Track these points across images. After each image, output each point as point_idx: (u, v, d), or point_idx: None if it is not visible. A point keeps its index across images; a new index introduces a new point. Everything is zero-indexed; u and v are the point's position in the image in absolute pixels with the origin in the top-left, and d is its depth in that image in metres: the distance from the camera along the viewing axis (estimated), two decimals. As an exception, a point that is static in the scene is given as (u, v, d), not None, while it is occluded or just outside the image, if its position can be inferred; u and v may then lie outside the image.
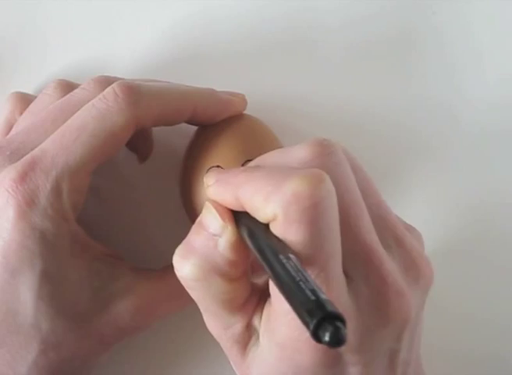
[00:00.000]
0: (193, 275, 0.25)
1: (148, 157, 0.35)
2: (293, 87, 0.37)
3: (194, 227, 0.26)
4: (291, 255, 0.22)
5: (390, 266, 0.25)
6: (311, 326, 0.19)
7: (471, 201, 0.37)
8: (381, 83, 0.37)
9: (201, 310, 0.27)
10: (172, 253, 0.33)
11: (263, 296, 0.27)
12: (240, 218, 0.25)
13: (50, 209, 0.28)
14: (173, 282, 0.31)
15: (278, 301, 0.24)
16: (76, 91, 0.31)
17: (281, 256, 0.22)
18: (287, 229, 0.23)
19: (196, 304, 0.32)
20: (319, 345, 0.23)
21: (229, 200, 0.25)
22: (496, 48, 0.38)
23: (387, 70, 0.37)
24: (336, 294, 0.24)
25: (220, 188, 0.26)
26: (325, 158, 0.25)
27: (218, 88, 0.33)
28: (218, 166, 0.30)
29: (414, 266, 0.27)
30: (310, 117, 0.37)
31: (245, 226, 0.25)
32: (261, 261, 0.23)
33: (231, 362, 0.29)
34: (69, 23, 0.37)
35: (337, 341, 0.18)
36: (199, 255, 0.25)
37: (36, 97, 0.33)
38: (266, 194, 0.23)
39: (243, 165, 0.30)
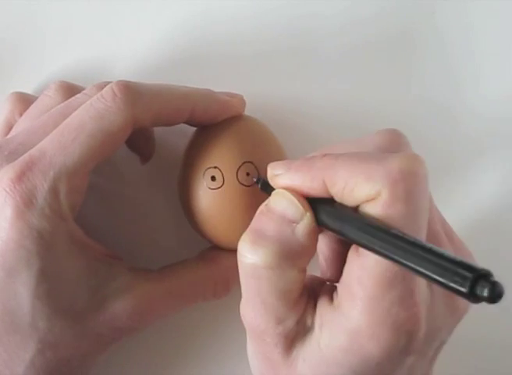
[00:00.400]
0: (267, 262, 0.25)
1: (150, 158, 0.35)
2: (294, 88, 0.37)
3: (264, 214, 0.26)
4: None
5: None
6: (468, 286, 0.19)
7: (469, 200, 0.37)
8: (380, 84, 0.37)
9: (251, 304, 0.26)
10: (171, 253, 0.34)
11: (311, 292, 0.27)
12: (314, 205, 0.25)
13: (47, 209, 0.28)
14: (172, 282, 0.32)
15: (360, 286, 0.24)
16: (77, 95, 0.31)
17: (394, 231, 0.22)
18: (391, 206, 0.23)
19: (194, 304, 0.32)
20: (400, 330, 0.24)
21: (311, 185, 0.25)
22: (495, 48, 0.38)
23: (387, 71, 0.37)
24: (420, 279, 0.24)
25: (298, 174, 0.26)
26: (403, 146, 0.26)
27: (218, 89, 0.33)
28: (215, 167, 0.30)
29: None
30: (310, 118, 0.37)
31: (326, 211, 0.25)
32: (362, 241, 0.23)
33: (260, 365, 0.28)
34: (69, 23, 0.37)
35: (497, 294, 0.19)
36: (274, 242, 0.25)
37: (36, 97, 0.33)
38: (368, 172, 0.23)
39: (240, 166, 0.30)
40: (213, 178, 0.30)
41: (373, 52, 0.37)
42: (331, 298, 0.26)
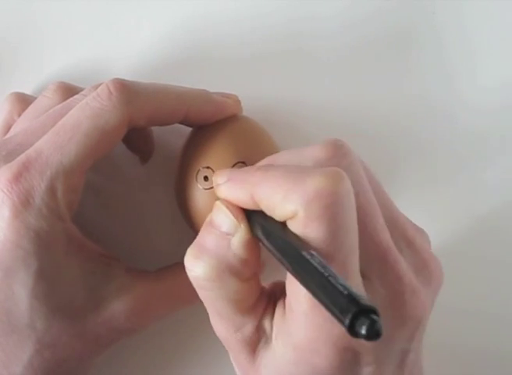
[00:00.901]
0: (207, 275, 0.25)
1: (150, 158, 0.35)
2: (292, 89, 0.37)
3: (205, 227, 0.27)
4: (313, 252, 0.22)
5: (405, 265, 0.26)
6: (347, 321, 0.19)
7: (467, 202, 0.37)
8: (380, 84, 0.37)
9: (210, 313, 0.27)
10: (168, 254, 0.34)
11: (272, 298, 0.27)
12: (252, 217, 0.25)
13: (45, 209, 0.28)
14: (169, 283, 0.32)
15: (295, 301, 0.24)
16: (76, 96, 0.31)
17: (304, 253, 0.22)
18: (308, 226, 0.23)
19: (192, 305, 0.32)
20: (338, 346, 0.24)
21: (243, 199, 0.25)
22: (494, 49, 0.37)
23: (386, 71, 0.37)
24: None
25: (233, 187, 0.26)
26: (341, 158, 0.26)
27: (216, 90, 0.33)
28: (208, 167, 0.30)
29: (426, 267, 0.27)
30: (308, 119, 0.36)
31: (259, 224, 0.25)
32: (280, 258, 0.23)
33: (236, 369, 0.29)
34: (69, 23, 0.37)
35: (375, 333, 0.19)
36: (212, 255, 0.25)
37: (35, 97, 0.34)
38: (286, 191, 0.23)
39: (233, 166, 0.30)
40: (206, 178, 0.30)
41: (372, 53, 0.37)
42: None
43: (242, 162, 0.30)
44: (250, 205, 0.25)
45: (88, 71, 0.36)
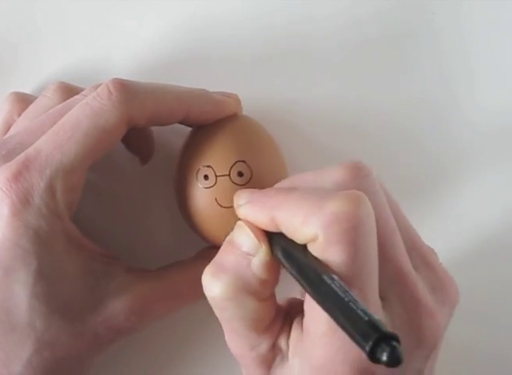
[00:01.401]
0: (225, 294, 0.25)
1: (150, 158, 0.35)
2: (292, 89, 0.37)
3: (225, 246, 0.27)
4: (334, 276, 0.22)
5: (422, 287, 0.26)
6: (368, 348, 0.19)
7: (467, 202, 0.37)
8: (378, 85, 0.37)
9: (226, 331, 0.27)
10: (168, 253, 0.34)
11: (288, 316, 0.27)
12: (273, 238, 0.25)
13: (44, 208, 0.28)
14: (169, 282, 0.32)
15: (313, 322, 0.24)
16: (76, 96, 0.31)
17: (325, 277, 0.22)
18: (327, 250, 0.23)
19: (192, 304, 0.32)
20: (355, 367, 0.24)
21: (264, 221, 0.25)
22: (493, 49, 0.37)
23: (385, 71, 0.37)
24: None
25: (254, 209, 0.26)
26: (361, 180, 0.26)
27: (217, 90, 0.33)
28: (208, 166, 0.30)
29: (441, 287, 0.27)
30: (308, 119, 0.36)
31: (280, 246, 0.25)
32: (301, 282, 0.23)
33: None
34: (69, 23, 0.37)
35: (395, 360, 0.19)
36: (231, 274, 0.25)
37: (35, 97, 0.34)
38: (306, 215, 0.23)
39: (233, 165, 0.30)
40: (206, 177, 0.30)
41: (372, 53, 0.37)
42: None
43: (242, 161, 0.30)
44: (270, 227, 0.25)
45: (88, 71, 0.36)
